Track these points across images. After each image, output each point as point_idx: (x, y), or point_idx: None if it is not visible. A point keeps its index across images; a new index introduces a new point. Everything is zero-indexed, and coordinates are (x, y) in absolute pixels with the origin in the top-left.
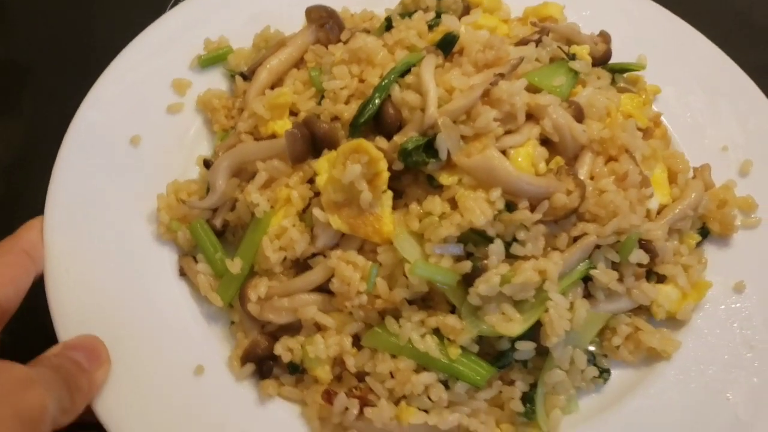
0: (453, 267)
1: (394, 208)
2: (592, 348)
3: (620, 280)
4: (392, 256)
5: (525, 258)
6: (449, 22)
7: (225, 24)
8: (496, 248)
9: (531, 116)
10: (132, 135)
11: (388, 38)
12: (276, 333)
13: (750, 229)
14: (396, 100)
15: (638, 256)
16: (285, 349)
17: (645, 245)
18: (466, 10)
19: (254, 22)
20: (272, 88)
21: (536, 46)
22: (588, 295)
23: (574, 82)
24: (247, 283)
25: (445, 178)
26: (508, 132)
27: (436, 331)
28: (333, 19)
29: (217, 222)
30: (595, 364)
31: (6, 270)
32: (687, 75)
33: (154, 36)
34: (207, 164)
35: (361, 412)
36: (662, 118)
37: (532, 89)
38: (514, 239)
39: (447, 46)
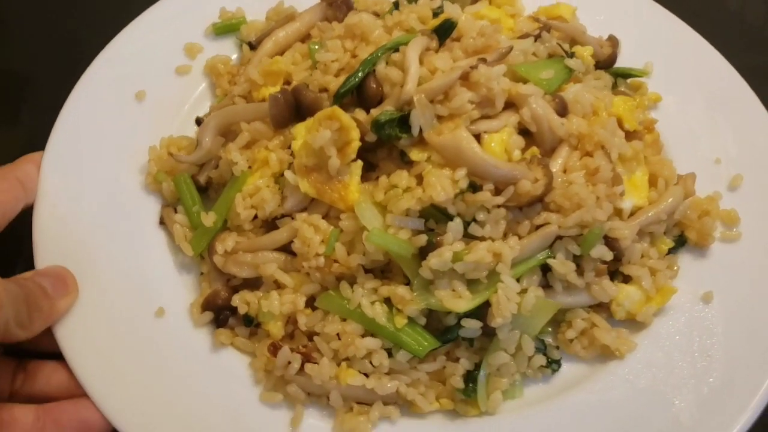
0: (409, 239)
1: (367, 179)
2: (549, 339)
3: (581, 274)
4: (354, 224)
5: (482, 239)
6: (451, 10)
7: None
8: (455, 226)
9: (512, 105)
10: (138, 90)
11: (388, 20)
12: (239, 287)
13: (729, 243)
14: (380, 75)
15: (601, 251)
16: (242, 301)
17: (610, 242)
18: (475, 1)
19: None
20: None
21: (535, 41)
22: (546, 285)
23: (565, 79)
24: (217, 237)
25: (415, 154)
26: (485, 117)
27: (388, 301)
28: None
29: (201, 178)
30: (545, 354)
31: None
32: (691, 85)
33: (175, 2)
34: (198, 122)
35: (302, 367)
36: (657, 125)
37: (519, 79)
38: (474, 220)
39: (444, 32)
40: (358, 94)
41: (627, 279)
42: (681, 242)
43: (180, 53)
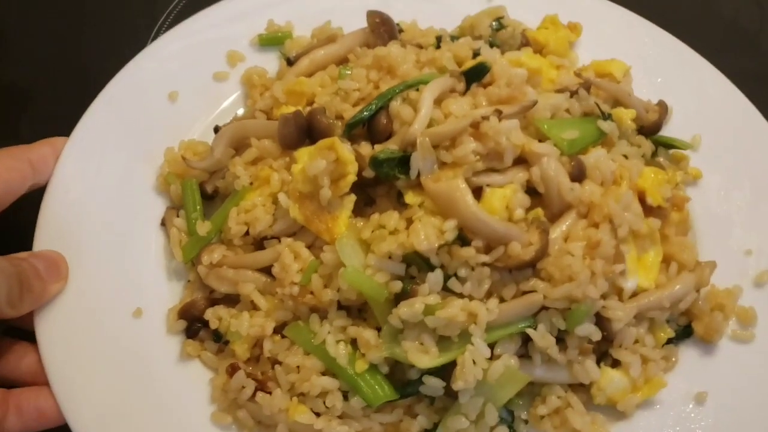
0: (385, 284)
1: (363, 214)
2: (520, 412)
3: (563, 350)
4: (335, 258)
5: (460, 296)
6: (487, 54)
7: (295, 12)
8: (434, 278)
9: (524, 161)
10: (172, 90)
11: (422, 55)
12: (219, 301)
13: (740, 342)
14: (392, 111)
15: (588, 330)
16: (215, 316)
17: (602, 322)
18: (524, 45)
19: (324, 15)
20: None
21: (571, 96)
22: (525, 355)
23: (594, 141)
24: (206, 247)
25: (410, 197)
26: (491, 170)
27: (354, 342)
28: (385, 26)
29: (209, 186)
30: (510, 426)
31: (3, 172)
32: (740, 167)
33: (227, 8)
34: (216, 130)
35: (254, 395)
36: (692, 205)
37: (540, 135)
38: (455, 275)
39: (475, 75)
40: (368, 127)
41: (616, 363)
42: (686, 333)
43: (222, 59)
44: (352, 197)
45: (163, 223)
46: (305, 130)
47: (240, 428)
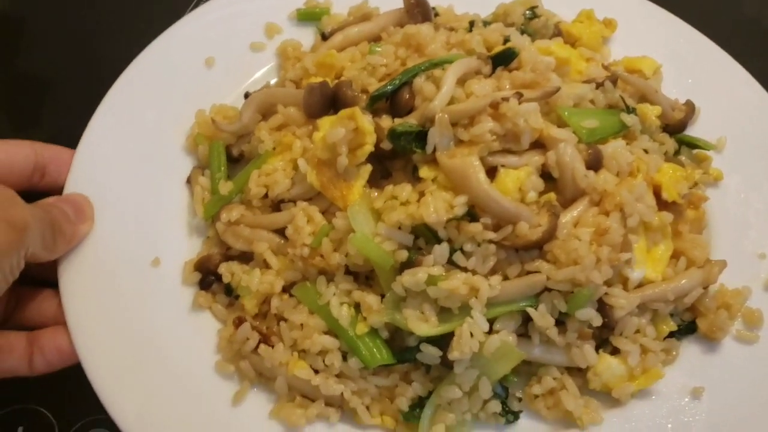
0: (392, 252)
1: (378, 187)
2: (516, 390)
3: (563, 332)
4: (346, 224)
5: (464, 270)
6: (517, 40)
7: None
8: (440, 250)
9: (542, 146)
10: (209, 56)
11: (452, 37)
12: (234, 258)
13: (744, 343)
14: (415, 87)
15: (589, 315)
16: (228, 271)
17: (604, 309)
18: (556, 36)
19: None
20: None
21: (596, 88)
22: (525, 335)
23: (615, 132)
24: (227, 206)
25: (424, 171)
26: (508, 151)
27: (358, 307)
28: (419, 7)
29: (235, 149)
30: (504, 402)
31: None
32: (762, 170)
33: None
34: (246, 96)
35: (257, 347)
36: (711, 205)
37: (562, 122)
38: (462, 249)
39: (503, 60)
40: (390, 101)
41: (615, 352)
42: (691, 329)
43: (260, 31)
44: (368, 167)
45: (189, 182)
46: (330, 101)
47: (241, 378)
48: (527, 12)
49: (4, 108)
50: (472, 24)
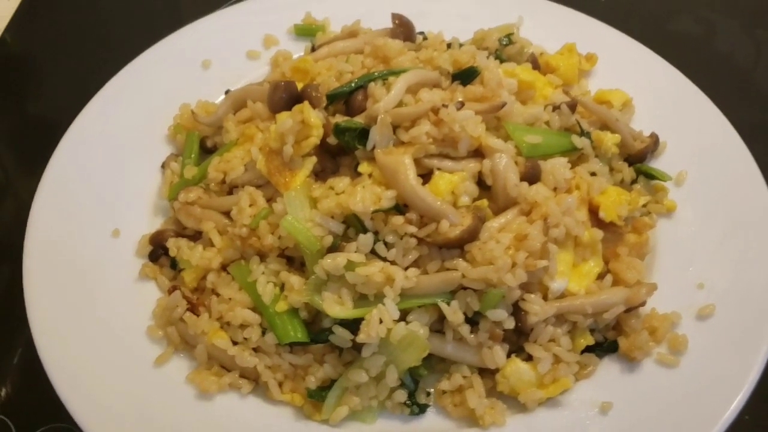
0: (319, 237)
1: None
2: (428, 385)
3: (476, 332)
4: (284, 209)
5: (384, 260)
6: (482, 61)
7: (337, 9)
8: (364, 239)
9: (482, 155)
10: (206, 59)
11: (422, 54)
12: (188, 237)
13: (664, 367)
14: (369, 90)
15: (500, 316)
16: (174, 245)
17: (518, 314)
18: (535, 62)
19: (362, 18)
20: None
21: (552, 110)
22: (441, 331)
23: (562, 152)
24: (187, 188)
25: (363, 167)
26: (446, 156)
27: (284, 287)
28: (403, 27)
29: (209, 141)
30: (411, 394)
31: None
32: (718, 208)
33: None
34: (226, 93)
35: (184, 315)
36: (661, 233)
37: (508, 138)
38: (384, 240)
39: (464, 77)
40: (346, 102)
41: (530, 359)
42: (612, 348)
43: (258, 41)
44: (313, 159)
45: (164, 166)
46: (295, 99)
47: (168, 343)
48: (503, 39)
49: (15, 148)
50: (449, 46)
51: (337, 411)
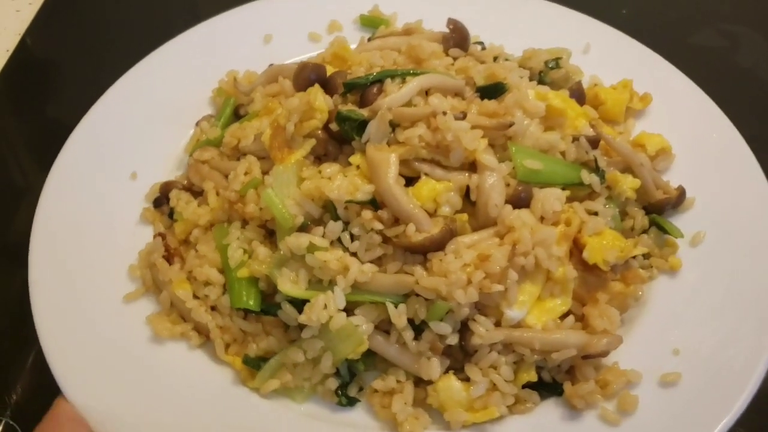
0: (293, 215)
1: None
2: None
3: (418, 340)
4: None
5: (345, 251)
6: (513, 79)
7: (405, 7)
8: (332, 226)
9: (475, 170)
10: (268, 33)
11: (460, 62)
12: (195, 192)
13: (605, 423)
14: (386, 86)
15: (443, 329)
16: (175, 197)
17: (464, 332)
18: (576, 91)
19: (428, 18)
20: None
21: (572, 141)
22: (387, 331)
23: (564, 184)
24: (205, 147)
25: (354, 158)
26: (437, 163)
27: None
28: (456, 33)
29: (242, 109)
30: (345, 385)
31: None
32: (724, 277)
33: None
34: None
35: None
36: (661, 291)
37: (509, 156)
38: (351, 232)
39: (489, 92)
40: (361, 93)
41: (468, 380)
42: (556, 390)
43: (323, 25)
44: (312, 141)
45: (197, 124)
46: (321, 82)
47: (142, 283)
48: (551, 62)
49: (34, 150)
50: (495, 59)
51: (269, 383)
